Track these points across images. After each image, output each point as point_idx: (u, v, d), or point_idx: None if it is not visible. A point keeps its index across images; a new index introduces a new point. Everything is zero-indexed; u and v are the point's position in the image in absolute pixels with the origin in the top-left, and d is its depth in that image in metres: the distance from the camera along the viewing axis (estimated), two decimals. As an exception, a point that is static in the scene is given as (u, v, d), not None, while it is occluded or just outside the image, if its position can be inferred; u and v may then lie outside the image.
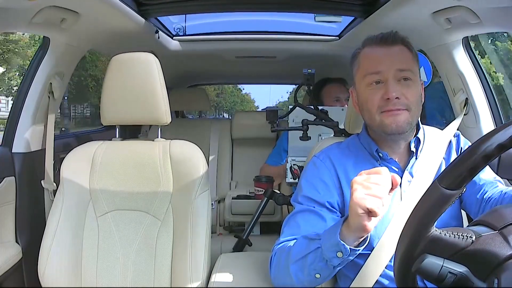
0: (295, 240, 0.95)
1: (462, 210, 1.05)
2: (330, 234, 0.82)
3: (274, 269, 0.98)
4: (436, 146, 1.05)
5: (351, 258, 0.82)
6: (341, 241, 0.79)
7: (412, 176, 1.01)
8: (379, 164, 1.02)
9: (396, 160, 1.03)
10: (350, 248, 0.80)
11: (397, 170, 1.02)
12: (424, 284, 0.88)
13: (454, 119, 1.32)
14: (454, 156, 1.06)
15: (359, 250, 0.81)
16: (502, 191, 0.93)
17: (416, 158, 1.03)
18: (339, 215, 1.01)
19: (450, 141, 1.08)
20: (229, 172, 2.46)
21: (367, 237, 0.81)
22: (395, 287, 0.66)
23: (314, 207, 0.99)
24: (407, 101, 0.95)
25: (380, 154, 1.02)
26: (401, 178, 1.01)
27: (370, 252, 0.95)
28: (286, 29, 2.24)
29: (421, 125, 1.06)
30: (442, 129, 1.15)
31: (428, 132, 1.07)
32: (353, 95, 1.08)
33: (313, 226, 0.96)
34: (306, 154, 1.29)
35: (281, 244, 0.98)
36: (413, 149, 1.02)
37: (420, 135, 1.04)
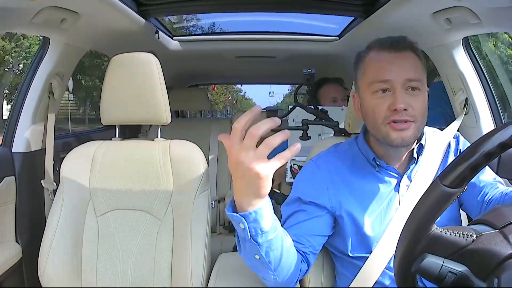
0: None
1: (461, 213, 1.04)
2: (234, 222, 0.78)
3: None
4: (435, 149, 1.03)
5: (256, 226, 0.76)
6: (232, 213, 0.76)
7: (411, 181, 1.00)
8: (377, 171, 1.00)
9: (396, 167, 1.01)
10: (240, 215, 0.75)
11: (396, 175, 1.01)
12: (424, 284, 0.88)
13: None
14: (452, 158, 1.04)
15: (252, 214, 0.75)
16: (502, 192, 0.92)
17: (416, 163, 1.01)
18: (329, 213, 0.99)
19: (449, 143, 1.07)
20: (229, 171, 2.46)
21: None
22: (395, 287, 0.66)
23: (300, 207, 1.00)
24: (414, 112, 0.91)
25: (378, 163, 1.00)
26: (400, 183, 1.00)
27: (369, 254, 0.95)
28: (286, 29, 2.25)
29: (423, 130, 1.03)
30: (442, 130, 1.15)
31: (429, 135, 1.05)
32: (355, 99, 1.03)
33: (302, 224, 0.97)
34: (306, 154, 1.29)
35: None
36: (415, 155, 1.00)
37: (422, 140, 1.01)
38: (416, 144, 1.01)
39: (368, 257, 0.95)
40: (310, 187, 1.02)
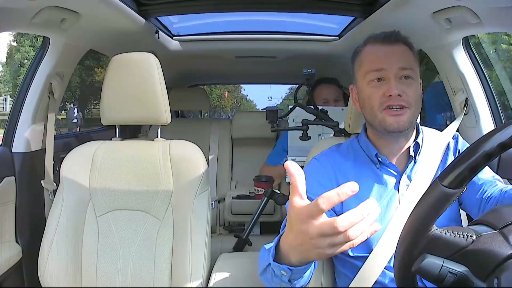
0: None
1: (461, 212, 1.05)
2: (268, 254, 0.74)
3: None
4: (434, 149, 1.04)
5: (301, 274, 0.73)
6: (276, 263, 0.71)
7: (410, 180, 1.00)
8: (378, 168, 1.02)
9: (395, 164, 1.02)
10: (291, 268, 0.69)
11: (395, 174, 1.01)
12: (423, 284, 0.88)
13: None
14: (451, 158, 1.05)
15: (304, 267, 0.70)
16: (501, 190, 0.92)
17: (414, 163, 1.02)
18: (331, 211, 0.99)
19: (448, 143, 1.08)
20: (229, 172, 2.46)
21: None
22: (395, 287, 0.66)
23: None
24: (408, 99, 0.96)
25: (379, 159, 1.02)
26: (399, 182, 1.01)
27: (368, 254, 0.95)
28: (286, 29, 2.24)
29: (420, 129, 1.06)
30: (441, 130, 1.15)
31: (427, 135, 1.07)
32: (353, 92, 1.07)
33: None
34: (306, 154, 1.29)
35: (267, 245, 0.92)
36: (412, 153, 1.02)
37: (419, 139, 1.03)
38: (413, 142, 1.03)
39: (368, 256, 0.95)
40: (316, 185, 1.01)
